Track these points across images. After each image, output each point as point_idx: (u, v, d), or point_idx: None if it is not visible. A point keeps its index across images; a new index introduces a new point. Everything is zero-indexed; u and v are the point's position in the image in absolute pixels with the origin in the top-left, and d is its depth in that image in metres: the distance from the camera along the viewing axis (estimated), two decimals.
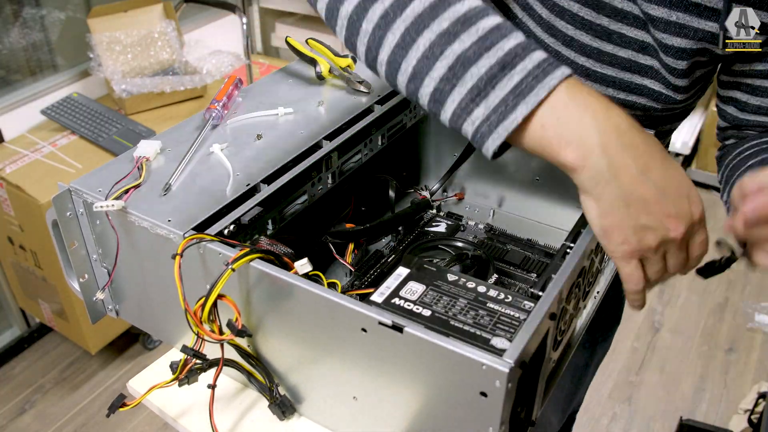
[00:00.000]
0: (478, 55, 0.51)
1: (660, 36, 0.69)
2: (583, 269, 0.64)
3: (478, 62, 0.51)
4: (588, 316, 0.75)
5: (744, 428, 1.80)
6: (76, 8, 2.06)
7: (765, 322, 2.18)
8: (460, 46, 0.51)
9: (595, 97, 0.51)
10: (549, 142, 0.50)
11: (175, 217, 0.63)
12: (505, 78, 0.50)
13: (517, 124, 0.50)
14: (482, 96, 0.51)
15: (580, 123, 0.50)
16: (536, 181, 0.87)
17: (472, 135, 0.52)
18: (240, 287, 0.61)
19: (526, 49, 0.51)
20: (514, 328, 0.56)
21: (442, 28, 0.52)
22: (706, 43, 0.69)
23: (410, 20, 0.53)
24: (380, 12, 0.54)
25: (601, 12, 0.71)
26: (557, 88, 0.50)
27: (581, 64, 0.76)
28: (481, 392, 0.50)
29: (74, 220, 0.69)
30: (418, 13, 0.53)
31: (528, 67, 0.50)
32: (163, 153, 0.73)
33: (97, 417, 1.88)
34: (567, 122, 0.50)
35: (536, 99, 0.49)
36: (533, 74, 0.50)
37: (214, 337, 0.59)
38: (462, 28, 0.51)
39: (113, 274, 0.71)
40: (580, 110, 0.50)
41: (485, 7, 0.53)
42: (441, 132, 0.92)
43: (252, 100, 0.85)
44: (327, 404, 0.64)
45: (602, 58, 0.75)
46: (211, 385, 0.63)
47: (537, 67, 0.50)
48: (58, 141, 1.84)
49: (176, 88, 1.94)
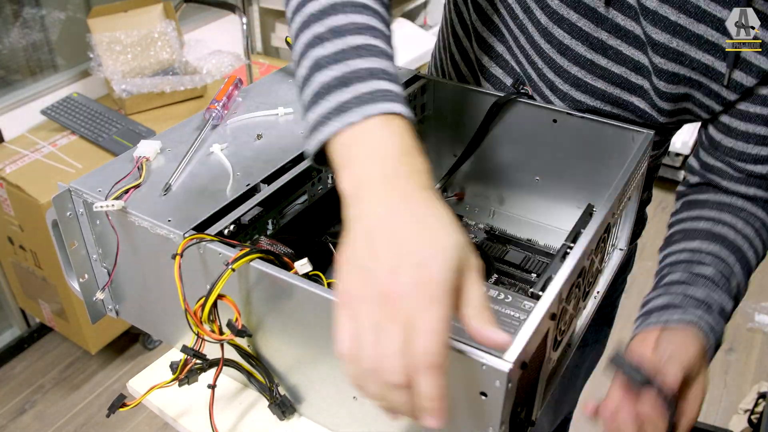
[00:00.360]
0: (329, 64, 0.53)
1: (657, 60, 0.71)
2: (583, 269, 0.64)
3: (325, 71, 0.53)
4: (588, 316, 0.75)
5: (744, 428, 1.80)
6: (76, 8, 2.06)
7: (765, 322, 2.18)
8: (322, 51, 0.54)
9: (403, 147, 0.50)
10: (339, 162, 0.51)
11: (175, 217, 0.63)
12: (337, 93, 0.52)
13: (326, 137, 0.51)
14: (317, 103, 0.53)
15: (366, 159, 0.49)
16: (536, 181, 0.87)
17: (306, 132, 0.54)
18: (240, 287, 0.61)
19: (373, 75, 0.52)
20: (514, 328, 0.56)
21: (317, 32, 0.55)
22: (699, 74, 0.70)
23: (305, 18, 0.57)
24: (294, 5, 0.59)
25: (601, 26, 0.72)
26: (372, 119, 0.50)
27: (573, 73, 0.77)
28: (481, 392, 0.50)
29: (74, 220, 0.69)
30: (311, 13, 0.57)
31: (360, 91, 0.51)
32: (162, 153, 0.73)
33: (97, 417, 1.88)
34: (357, 154, 0.50)
35: (348, 120, 0.50)
36: (361, 98, 0.51)
37: (214, 337, 0.59)
38: (332, 36, 0.54)
39: (113, 274, 0.71)
40: (377, 149, 0.50)
41: (367, 26, 0.55)
42: (441, 132, 0.92)
43: (252, 100, 0.85)
44: (327, 404, 0.64)
45: (594, 71, 0.76)
46: (211, 385, 0.63)
47: (369, 93, 0.51)
48: (58, 141, 1.84)
49: (176, 88, 1.94)
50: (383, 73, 0.53)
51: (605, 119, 0.78)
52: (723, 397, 1.95)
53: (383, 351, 0.44)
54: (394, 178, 0.48)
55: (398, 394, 0.44)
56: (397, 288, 0.44)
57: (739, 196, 0.77)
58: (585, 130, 0.80)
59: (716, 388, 1.97)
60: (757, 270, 0.79)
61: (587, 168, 0.82)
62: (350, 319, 0.46)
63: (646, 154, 0.75)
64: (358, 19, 0.55)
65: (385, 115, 0.51)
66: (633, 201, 0.81)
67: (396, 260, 0.44)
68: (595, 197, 0.82)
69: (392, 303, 0.44)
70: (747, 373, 2.02)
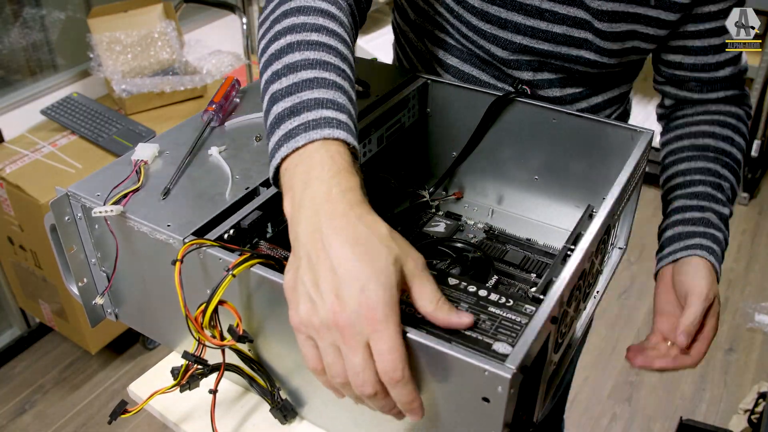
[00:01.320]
0: (283, 97, 0.57)
1: (595, 5, 0.77)
2: (584, 271, 0.64)
3: (280, 103, 0.57)
4: (587, 316, 0.75)
5: (744, 428, 1.80)
6: (76, 8, 2.05)
7: (765, 322, 2.18)
8: (278, 86, 0.59)
9: (335, 167, 0.52)
10: (283, 187, 0.54)
11: (174, 222, 0.63)
12: (288, 122, 0.56)
13: (277, 163, 0.55)
14: (273, 132, 0.57)
15: (302, 182, 0.52)
16: (535, 180, 0.86)
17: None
18: (240, 292, 0.60)
19: (320, 105, 0.56)
20: (515, 332, 0.55)
21: (275, 69, 0.60)
22: (635, 5, 0.77)
23: (266, 58, 0.62)
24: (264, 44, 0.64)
25: None
26: (313, 144, 0.53)
27: (518, 42, 0.82)
28: (484, 398, 0.49)
29: (72, 224, 0.69)
30: (271, 53, 0.62)
31: (307, 119, 0.55)
32: (161, 156, 0.73)
33: (97, 417, 1.88)
34: (295, 177, 0.53)
35: (294, 146, 0.54)
36: (307, 125, 0.55)
37: (216, 343, 0.59)
38: (287, 72, 0.59)
39: (112, 279, 0.70)
40: (312, 170, 0.52)
41: (320, 61, 0.59)
42: (440, 131, 0.92)
43: (251, 100, 0.85)
44: (328, 408, 0.64)
45: (537, 35, 0.82)
46: (213, 390, 0.62)
47: (314, 120, 0.55)
48: (58, 141, 1.84)
49: (176, 88, 1.94)
50: (330, 103, 0.56)
51: (605, 119, 0.78)
52: (723, 397, 1.95)
53: (350, 370, 0.48)
54: (327, 202, 0.50)
55: (374, 400, 0.49)
56: (344, 318, 0.47)
57: (711, 102, 0.88)
58: (584, 129, 0.79)
59: (716, 388, 1.97)
60: (757, 270, 0.83)
61: (586, 167, 0.82)
62: (309, 340, 0.50)
63: (645, 153, 0.75)
64: (311, 55, 0.59)
65: (325, 140, 0.54)
66: (633, 201, 0.80)
67: (337, 290, 0.47)
68: (595, 196, 0.82)
69: (343, 331, 0.47)
70: (747, 373, 2.02)
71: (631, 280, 2.33)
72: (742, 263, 2.37)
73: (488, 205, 0.92)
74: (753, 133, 2.62)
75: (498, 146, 0.87)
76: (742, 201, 2.67)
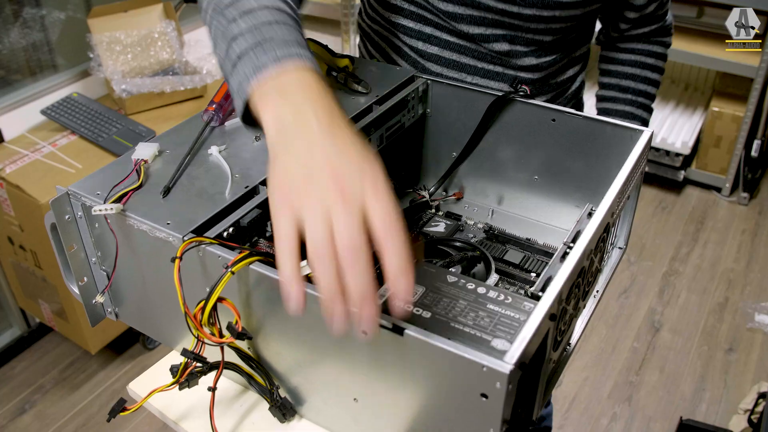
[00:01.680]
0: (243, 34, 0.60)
1: None
2: (583, 269, 0.64)
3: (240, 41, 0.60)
4: (587, 315, 0.75)
5: (744, 428, 1.80)
6: (76, 8, 2.06)
7: (765, 322, 2.18)
8: (236, 28, 0.61)
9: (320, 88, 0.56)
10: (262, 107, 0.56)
11: (174, 220, 0.63)
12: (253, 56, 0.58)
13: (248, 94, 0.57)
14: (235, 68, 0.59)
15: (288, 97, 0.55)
16: (535, 180, 0.87)
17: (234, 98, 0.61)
18: (240, 290, 0.61)
19: (286, 43, 0.58)
20: (514, 329, 0.56)
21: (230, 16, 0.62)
22: None
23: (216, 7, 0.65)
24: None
25: None
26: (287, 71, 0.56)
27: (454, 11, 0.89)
28: (482, 394, 0.50)
29: (73, 223, 0.69)
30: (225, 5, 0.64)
31: (275, 53, 0.57)
32: (161, 155, 0.73)
33: (97, 417, 1.88)
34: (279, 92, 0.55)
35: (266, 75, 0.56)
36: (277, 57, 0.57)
37: (215, 340, 0.59)
38: (245, 16, 0.61)
39: (112, 278, 0.71)
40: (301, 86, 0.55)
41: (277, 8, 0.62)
42: (440, 131, 0.92)
43: None
44: (327, 406, 0.64)
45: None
46: (212, 388, 0.63)
47: (283, 54, 0.57)
48: (58, 141, 1.84)
49: (176, 88, 1.94)
50: (296, 42, 0.59)
51: (604, 118, 0.79)
52: (723, 397, 1.95)
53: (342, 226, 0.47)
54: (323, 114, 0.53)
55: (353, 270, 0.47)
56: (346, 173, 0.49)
57: (638, 40, 1.04)
58: (583, 128, 0.80)
59: (716, 388, 1.97)
60: (757, 270, 0.81)
61: (586, 167, 0.82)
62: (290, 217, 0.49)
63: (645, 153, 0.75)
64: (266, 2, 0.63)
65: (298, 68, 0.56)
66: (632, 200, 0.81)
67: (334, 157, 0.50)
68: (594, 196, 0.82)
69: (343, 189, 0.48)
70: (747, 373, 2.02)
71: (631, 280, 2.33)
72: (742, 263, 2.37)
73: (488, 205, 0.92)
74: (753, 133, 2.62)
75: (498, 146, 0.87)
76: (742, 201, 2.67)
